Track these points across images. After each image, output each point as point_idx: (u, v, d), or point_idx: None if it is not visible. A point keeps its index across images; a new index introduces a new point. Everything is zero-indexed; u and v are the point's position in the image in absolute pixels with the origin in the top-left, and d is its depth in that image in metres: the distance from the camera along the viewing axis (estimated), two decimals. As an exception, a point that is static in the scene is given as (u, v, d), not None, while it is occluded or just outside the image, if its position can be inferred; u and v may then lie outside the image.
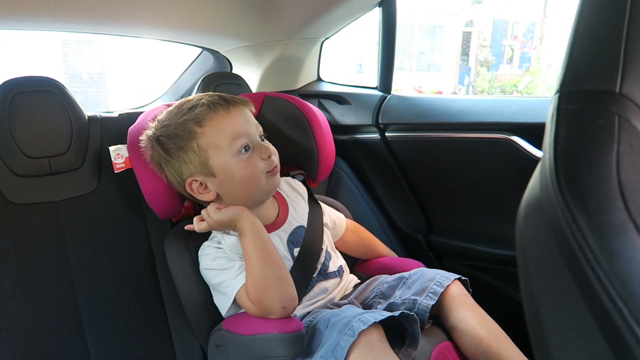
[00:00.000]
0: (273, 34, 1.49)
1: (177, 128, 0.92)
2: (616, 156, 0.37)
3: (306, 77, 1.69)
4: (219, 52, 1.64)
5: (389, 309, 0.93)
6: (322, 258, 1.03)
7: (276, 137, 1.07)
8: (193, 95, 1.01)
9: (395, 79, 1.51)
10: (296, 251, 1.00)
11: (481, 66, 11.06)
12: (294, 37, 1.52)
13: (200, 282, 0.97)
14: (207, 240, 0.99)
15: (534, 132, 1.09)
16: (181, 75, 1.81)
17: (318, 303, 1.00)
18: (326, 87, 1.67)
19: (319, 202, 1.14)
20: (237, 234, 0.95)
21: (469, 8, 12.19)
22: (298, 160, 1.17)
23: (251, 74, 1.63)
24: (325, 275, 1.03)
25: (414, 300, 0.93)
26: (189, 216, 1.08)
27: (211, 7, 1.31)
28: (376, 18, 1.46)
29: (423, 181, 1.41)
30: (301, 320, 0.91)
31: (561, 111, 0.42)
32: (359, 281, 1.12)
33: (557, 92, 0.43)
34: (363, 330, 0.76)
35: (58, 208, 1.11)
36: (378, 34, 1.47)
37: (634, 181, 0.35)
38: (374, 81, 1.53)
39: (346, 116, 1.53)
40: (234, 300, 0.91)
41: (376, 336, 0.78)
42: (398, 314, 0.83)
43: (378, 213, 1.46)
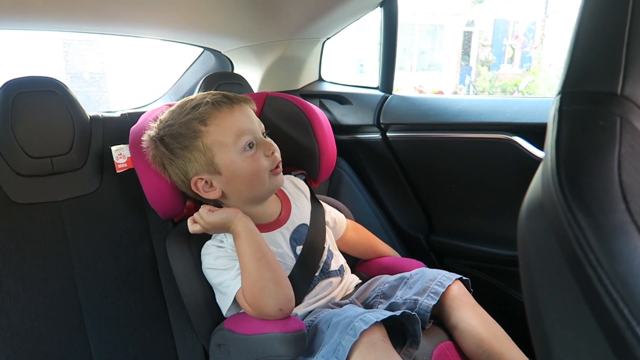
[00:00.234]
0: (274, 34, 1.49)
1: (181, 127, 0.92)
2: (618, 157, 0.37)
3: (307, 77, 1.69)
4: (221, 52, 1.64)
5: (390, 309, 0.93)
6: (324, 256, 1.03)
7: (278, 137, 1.07)
8: (195, 95, 1.02)
9: (396, 79, 1.51)
10: (299, 249, 1.00)
11: (482, 66, 11.05)
12: (296, 37, 1.52)
13: (202, 282, 0.97)
14: (210, 239, 0.99)
15: (535, 133, 1.09)
16: (182, 75, 1.81)
17: (319, 302, 1.00)
18: (327, 87, 1.67)
19: (321, 202, 1.15)
20: None
21: (470, 8, 12.18)
22: (299, 160, 1.18)
23: (253, 74, 1.63)
24: (327, 273, 1.03)
25: (415, 300, 0.94)
26: (191, 216, 1.09)
27: (212, 7, 1.31)
28: (377, 18, 1.46)
29: (424, 181, 1.41)
30: (303, 319, 0.92)
31: (563, 112, 0.42)
32: (360, 281, 1.12)
33: (559, 93, 0.43)
34: (365, 329, 0.77)
35: (60, 208, 1.11)
36: (379, 34, 1.47)
37: (636, 182, 0.36)
38: (375, 81, 1.54)
39: (347, 116, 1.54)
40: (234, 300, 0.91)
41: (378, 336, 0.79)
42: (399, 314, 0.83)
43: (379, 213, 1.47)
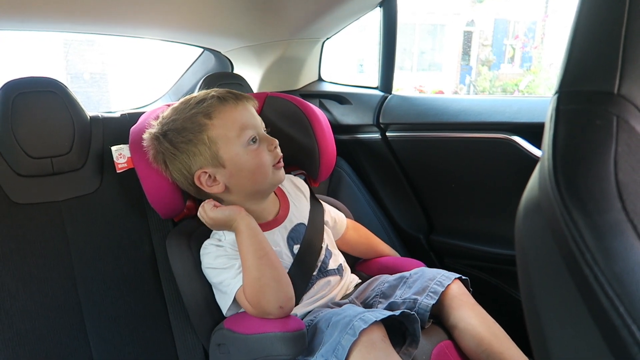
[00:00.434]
0: (274, 34, 1.50)
1: (186, 122, 0.93)
2: (614, 156, 0.37)
3: (307, 77, 1.70)
4: (220, 53, 1.64)
5: (390, 309, 0.94)
6: (322, 256, 1.04)
7: (277, 137, 1.07)
8: (197, 92, 1.02)
9: (396, 79, 1.51)
10: (296, 248, 1.01)
11: (482, 65, 11.05)
12: (295, 37, 1.52)
13: (202, 281, 0.97)
14: (208, 238, 0.99)
15: (535, 132, 1.09)
16: (182, 75, 1.81)
17: (319, 302, 1.00)
18: (327, 87, 1.67)
19: (320, 201, 1.15)
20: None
21: (470, 7, 12.18)
22: (299, 159, 1.18)
23: (252, 74, 1.63)
24: (325, 272, 1.03)
25: (415, 299, 0.94)
26: (191, 216, 1.09)
27: (212, 8, 1.32)
28: (377, 18, 1.47)
29: (424, 181, 1.42)
30: (302, 319, 0.92)
31: (560, 112, 0.42)
32: (360, 281, 1.13)
33: (556, 93, 0.44)
34: (364, 329, 0.77)
35: (60, 208, 1.12)
36: (379, 34, 1.47)
37: (632, 181, 0.36)
38: (375, 81, 1.54)
39: (347, 116, 1.54)
40: (235, 299, 0.92)
41: (378, 335, 0.79)
42: (398, 314, 0.83)
43: (379, 213, 1.47)
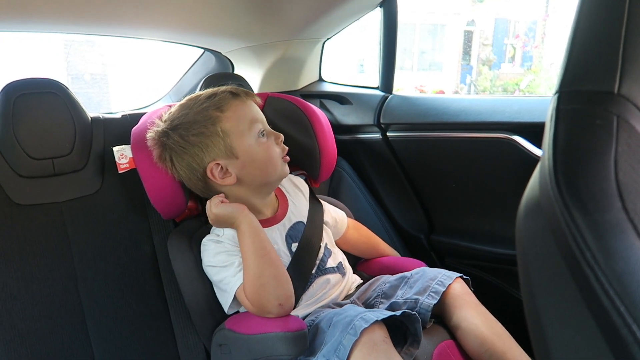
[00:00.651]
0: (274, 35, 1.50)
1: (198, 115, 0.95)
2: (614, 156, 0.37)
3: (308, 78, 1.70)
4: (221, 53, 1.64)
5: (391, 309, 0.94)
6: (321, 254, 1.04)
7: (278, 138, 1.07)
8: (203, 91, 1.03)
9: (397, 79, 1.51)
10: (294, 246, 1.01)
11: (483, 65, 11.06)
12: (296, 38, 1.52)
13: (203, 281, 0.97)
14: (208, 234, 1.00)
15: (535, 132, 1.09)
16: (183, 76, 1.81)
17: (319, 304, 1.00)
18: (328, 87, 1.67)
19: (320, 201, 1.15)
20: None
21: (471, 7, 12.18)
22: (300, 160, 1.18)
23: (253, 75, 1.63)
24: (323, 270, 1.03)
25: (416, 299, 0.94)
26: (192, 216, 1.09)
27: (213, 9, 1.32)
28: (377, 18, 1.47)
29: (425, 181, 1.42)
30: (303, 319, 0.92)
31: (560, 112, 0.42)
32: (362, 282, 1.13)
33: (556, 93, 0.44)
34: (365, 328, 0.77)
35: (62, 209, 1.12)
36: (379, 34, 1.47)
37: (632, 181, 0.36)
38: (376, 81, 1.54)
39: (348, 116, 1.54)
40: (235, 297, 0.92)
41: (379, 335, 0.79)
42: (400, 314, 0.83)
43: (380, 213, 1.47)
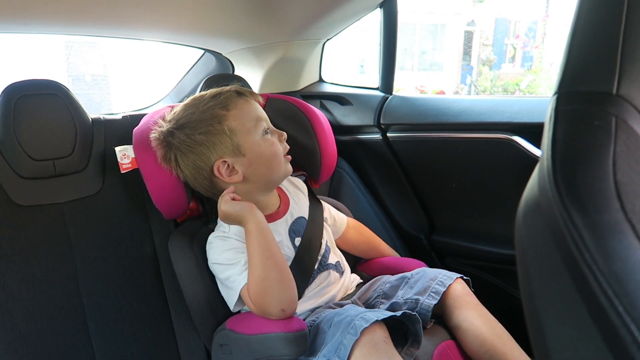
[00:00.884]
0: (275, 36, 1.50)
1: (204, 114, 0.96)
2: (613, 156, 0.37)
3: (308, 78, 1.70)
4: (221, 54, 1.64)
5: (392, 309, 0.94)
6: (322, 250, 1.05)
7: (278, 138, 1.08)
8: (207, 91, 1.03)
9: (397, 79, 1.51)
10: (297, 241, 1.02)
11: (483, 65, 11.06)
12: (296, 39, 1.52)
13: (204, 282, 0.97)
14: (213, 232, 1.00)
15: (535, 132, 1.09)
16: (184, 76, 1.82)
17: (321, 299, 1.01)
18: (328, 88, 1.67)
19: (319, 199, 1.16)
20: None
21: (471, 7, 12.18)
22: (300, 160, 1.18)
23: (253, 75, 1.63)
24: (325, 266, 1.04)
25: (416, 299, 0.94)
26: (194, 217, 1.10)
27: (213, 10, 1.32)
28: (377, 19, 1.47)
29: (425, 181, 1.42)
30: (304, 319, 0.92)
31: (559, 112, 0.42)
32: (362, 281, 1.13)
33: (555, 94, 0.44)
34: (366, 328, 0.77)
35: (63, 209, 1.12)
36: (379, 35, 1.47)
37: (630, 181, 0.36)
38: (376, 81, 1.54)
39: (348, 117, 1.54)
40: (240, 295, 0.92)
41: (380, 335, 0.79)
42: (400, 314, 0.83)
43: (380, 213, 1.47)
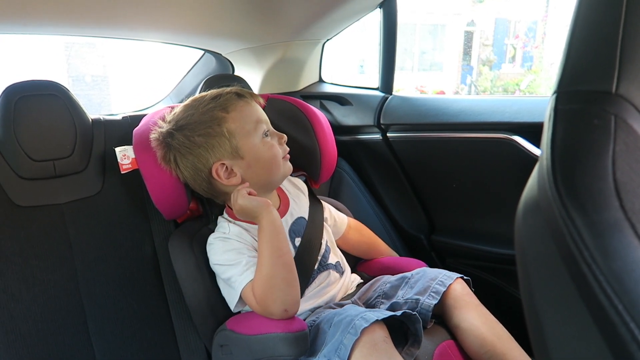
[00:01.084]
0: (274, 36, 1.50)
1: (203, 116, 0.96)
2: (612, 155, 0.37)
3: (308, 79, 1.70)
4: (221, 54, 1.65)
5: (392, 309, 0.94)
6: (322, 250, 1.05)
7: (278, 139, 1.08)
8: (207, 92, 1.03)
9: (397, 79, 1.51)
10: (297, 241, 1.02)
11: (483, 65, 11.07)
12: (296, 39, 1.52)
13: (204, 282, 0.97)
14: (213, 233, 1.00)
15: (535, 132, 1.09)
16: (184, 77, 1.82)
17: (321, 298, 1.01)
18: (328, 88, 1.67)
19: (319, 200, 1.16)
20: (243, 225, 0.97)
21: (471, 7, 12.18)
22: (300, 161, 1.18)
23: (253, 76, 1.63)
24: (325, 266, 1.04)
25: (417, 299, 0.94)
26: (194, 217, 1.10)
27: (213, 10, 1.32)
28: (377, 19, 1.47)
29: (425, 181, 1.42)
30: (304, 319, 0.92)
31: (558, 112, 0.42)
32: (362, 281, 1.13)
33: (555, 93, 0.44)
34: (365, 327, 0.77)
35: (63, 210, 1.12)
36: (379, 35, 1.47)
37: (630, 180, 0.36)
38: (376, 81, 1.54)
39: (348, 117, 1.54)
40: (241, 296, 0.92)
41: (380, 335, 0.79)
42: (400, 314, 0.83)
43: (380, 213, 1.47)
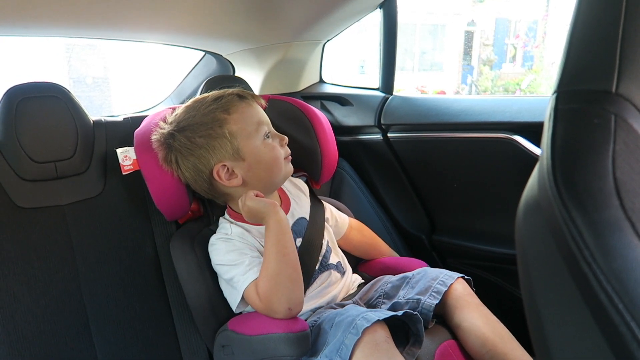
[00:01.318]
0: (275, 37, 1.50)
1: (205, 117, 0.96)
2: (612, 155, 0.37)
3: (308, 79, 1.70)
4: (222, 55, 1.65)
5: (393, 309, 0.94)
6: (323, 251, 1.05)
7: (279, 139, 1.08)
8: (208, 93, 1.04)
9: (398, 79, 1.52)
10: (299, 241, 1.02)
11: (484, 65, 11.06)
12: (296, 40, 1.53)
13: (205, 283, 0.98)
14: (215, 234, 1.01)
15: (536, 132, 1.09)
16: (184, 78, 1.82)
17: (323, 299, 1.01)
18: (328, 89, 1.68)
19: (321, 200, 1.16)
20: (244, 226, 0.98)
21: (471, 7, 12.18)
22: (301, 161, 1.18)
23: (254, 77, 1.64)
24: (326, 266, 1.05)
25: (418, 299, 0.94)
26: (195, 218, 1.10)
27: (213, 11, 1.32)
28: (377, 19, 1.47)
29: (426, 181, 1.42)
30: (306, 320, 0.92)
31: (558, 111, 0.42)
32: (363, 281, 1.13)
33: (555, 92, 0.44)
34: (367, 327, 0.77)
35: (64, 211, 1.12)
36: (379, 35, 1.47)
37: (630, 179, 0.36)
38: (376, 81, 1.54)
39: (348, 117, 1.54)
40: (243, 296, 0.92)
41: (381, 335, 0.79)
42: (401, 314, 0.83)
43: (381, 213, 1.47)
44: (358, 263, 1.24)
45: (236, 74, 1.68)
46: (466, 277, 1.00)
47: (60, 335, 1.06)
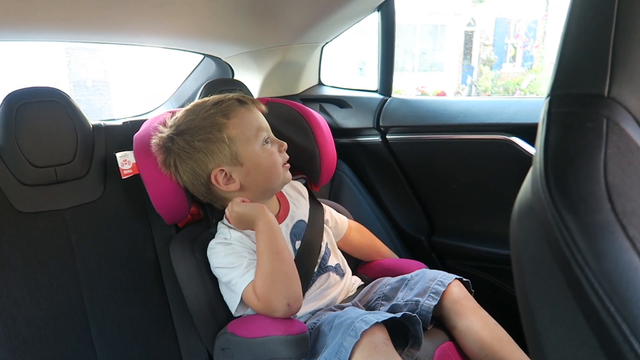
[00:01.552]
0: (274, 40, 1.51)
1: (204, 121, 0.96)
2: (604, 158, 0.37)
3: (307, 82, 1.70)
4: (221, 59, 1.65)
5: (392, 311, 0.94)
6: (322, 253, 1.05)
7: (278, 142, 1.08)
8: (209, 97, 1.04)
9: (397, 80, 1.52)
10: (298, 244, 1.03)
11: (484, 65, 11.05)
12: (295, 43, 1.53)
13: (205, 286, 0.98)
14: (214, 238, 1.01)
15: (534, 133, 1.09)
16: (184, 82, 1.83)
17: (322, 301, 1.01)
18: (327, 91, 1.68)
19: (320, 202, 1.16)
20: (242, 230, 0.98)
21: (471, 7, 12.18)
22: (300, 164, 1.19)
23: (253, 80, 1.64)
24: (324, 268, 1.05)
25: (417, 301, 0.94)
26: (195, 221, 1.10)
27: (212, 15, 1.33)
28: (375, 21, 1.47)
29: (424, 182, 1.42)
30: (305, 322, 0.93)
31: (552, 115, 0.43)
32: (362, 283, 1.13)
33: (548, 96, 0.44)
34: (366, 330, 0.77)
35: (65, 216, 1.13)
36: (377, 38, 1.48)
37: (621, 182, 0.36)
38: (375, 84, 1.54)
39: (347, 119, 1.55)
40: (242, 298, 0.93)
41: (380, 337, 0.79)
42: (400, 316, 0.83)
43: (380, 215, 1.47)
44: (358, 265, 1.25)
45: (235, 77, 1.69)
46: (464, 280, 1.00)
47: (61, 339, 1.06)
